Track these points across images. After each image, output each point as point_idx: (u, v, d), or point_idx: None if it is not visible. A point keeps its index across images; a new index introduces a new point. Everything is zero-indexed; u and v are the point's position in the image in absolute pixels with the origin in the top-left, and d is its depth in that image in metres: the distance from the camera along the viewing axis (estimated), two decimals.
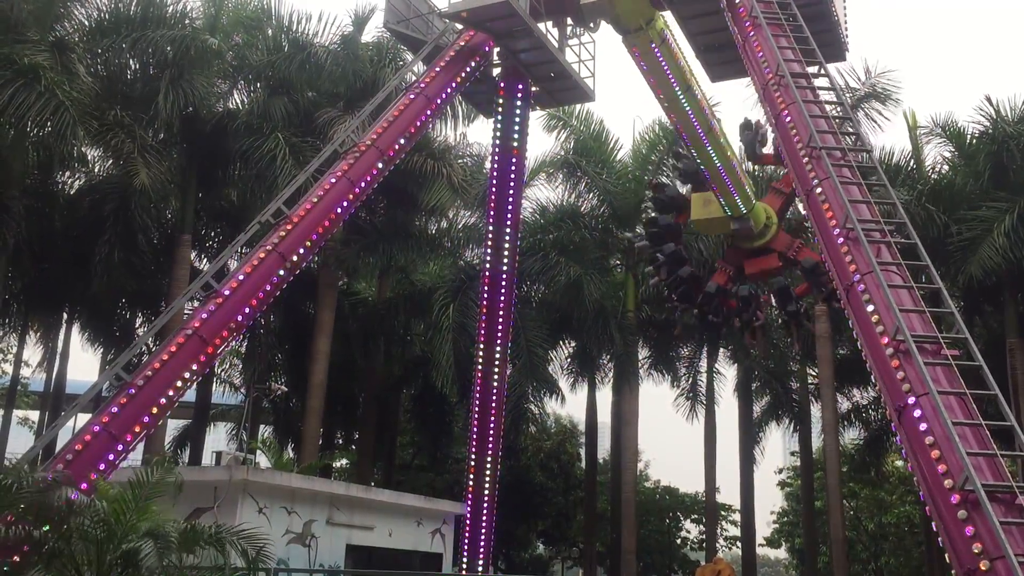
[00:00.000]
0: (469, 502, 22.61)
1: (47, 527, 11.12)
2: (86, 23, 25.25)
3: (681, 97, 17.69)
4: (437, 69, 20.56)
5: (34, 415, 39.07)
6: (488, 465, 22.72)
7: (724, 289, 21.75)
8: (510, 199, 23.34)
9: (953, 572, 9.58)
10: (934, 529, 10.16)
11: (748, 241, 21.15)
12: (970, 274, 26.11)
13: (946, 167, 29.88)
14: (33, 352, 34.81)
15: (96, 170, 29.07)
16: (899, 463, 41.45)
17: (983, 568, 9.01)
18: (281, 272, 16.80)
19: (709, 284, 21.66)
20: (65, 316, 32.44)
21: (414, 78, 21.63)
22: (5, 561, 10.79)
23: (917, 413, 10.38)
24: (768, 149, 21.51)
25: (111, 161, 26.72)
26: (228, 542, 11.41)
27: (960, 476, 9.52)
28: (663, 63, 16.90)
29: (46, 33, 22.97)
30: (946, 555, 9.78)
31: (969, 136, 28.50)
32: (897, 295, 11.50)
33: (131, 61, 26.29)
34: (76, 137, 22.13)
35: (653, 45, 16.34)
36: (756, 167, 27.33)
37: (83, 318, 32.26)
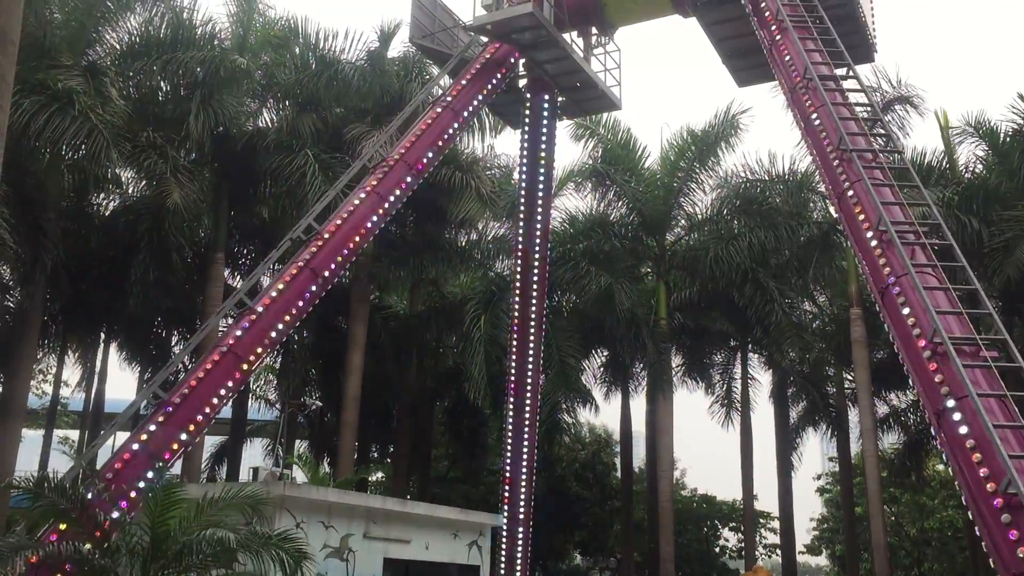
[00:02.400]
0: (505, 513, 22.58)
1: (90, 544, 11.25)
2: (117, 47, 25.63)
3: None
4: (463, 82, 20.64)
5: (74, 434, 39.55)
6: (523, 476, 22.70)
7: None
8: (539, 209, 23.36)
9: None
10: (977, 534, 10.01)
11: None
12: (1007, 275, 25.73)
13: (980, 166, 29.50)
14: (72, 372, 35.29)
15: (130, 191, 29.49)
16: (940, 467, 40.85)
17: None
18: (313, 288, 16.91)
19: None
20: (103, 336, 32.86)
21: (441, 91, 21.73)
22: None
23: (957, 416, 10.25)
24: None
25: (144, 182, 27.08)
26: (273, 547, 11.48)
27: (1003, 479, 9.38)
28: None
29: (79, 58, 23.34)
30: (991, 560, 9.63)
31: (1003, 135, 28.12)
32: (933, 297, 11.38)
33: (162, 83, 26.63)
34: (110, 159, 22.43)
35: None
36: None
37: (120, 337, 32.66)
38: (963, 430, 10.10)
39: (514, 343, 23.24)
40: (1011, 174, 27.04)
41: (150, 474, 14.05)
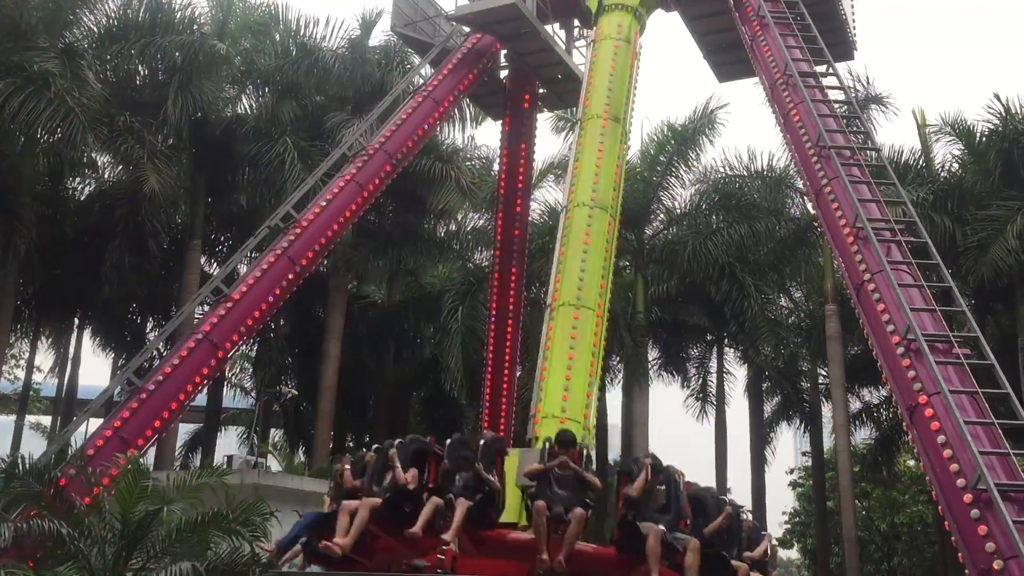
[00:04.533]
0: None
1: (64, 528, 11.16)
2: (95, 29, 25.38)
3: (603, 120, 14.32)
4: (444, 72, 20.57)
5: (46, 420, 39.20)
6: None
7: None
8: (518, 201, 23.33)
9: (967, 572, 9.55)
10: (947, 529, 10.14)
11: None
12: (981, 274, 26.01)
13: (955, 165, 29.78)
14: (45, 357, 34.99)
15: (106, 176, 29.22)
16: (911, 463, 41.24)
17: (996, 567, 8.98)
18: (291, 276, 16.82)
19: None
20: (76, 321, 32.57)
21: (422, 81, 21.67)
22: (23, 563, 10.83)
23: (929, 412, 10.36)
24: None
25: (121, 167, 26.85)
26: (239, 533, 11.40)
27: (973, 475, 9.50)
28: (612, 66, 12.87)
29: (55, 40, 23.08)
30: (959, 555, 9.75)
31: (979, 134, 28.37)
32: (908, 294, 11.48)
33: (140, 67, 26.42)
34: (86, 143, 22.22)
35: (617, 39, 12.53)
36: None
37: (94, 323, 32.38)
38: (935, 426, 10.20)
39: (491, 335, 23.24)
40: (986, 174, 27.30)
41: (122, 459, 13.97)
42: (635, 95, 16.92)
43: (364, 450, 13.62)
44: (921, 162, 30.12)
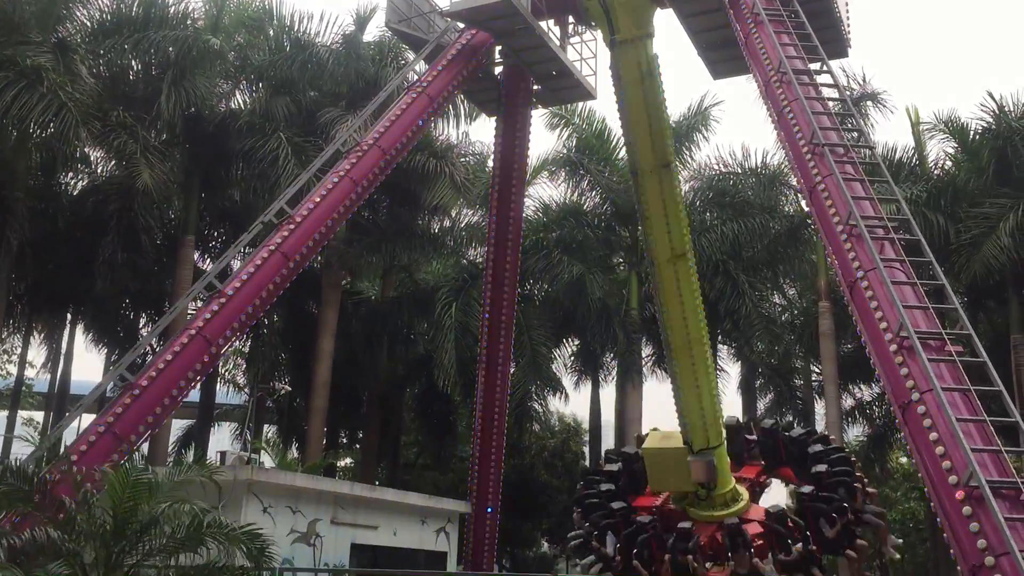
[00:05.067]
0: (473, 501, 22.63)
1: (53, 527, 11.14)
2: (88, 24, 25.29)
3: (659, 172, 11.21)
4: (439, 68, 20.55)
5: (39, 416, 39.12)
6: (492, 464, 22.73)
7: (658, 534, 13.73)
8: (512, 197, 23.34)
9: (959, 568, 9.58)
10: (939, 525, 10.16)
11: (698, 505, 13.87)
12: (974, 272, 26.08)
13: (949, 163, 29.84)
14: (37, 353, 34.91)
15: (99, 171, 29.12)
16: (903, 460, 41.38)
17: (988, 564, 9.01)
18: (284, 272, 16.81)
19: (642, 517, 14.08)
20: (69, 317, 32.48)
21: (416, 77, 21.63)
22: (13, 560, 10.81)
23: (921, 409, 10.39)
24: None
25: (114, 162, 26.77)
26: (233, 540, 11.41)
27: (964, 472, 9.52)
28: (646, 104, 10.76)
29: (48, 34, 22.99)
30: (951, 551, 9.78)
31: (972, 132, 28.44)
32: (900, 291, 11.50)
33: (133, 62, 26.33)
34: (79, 138, 22.17)
35: (641, 70, 10.53)
36: None
37: (87, 319, 32.29)
38: (927, 423, 10.23)
39: (485, 331, 23.25)
40: (979, 172, 27.36)
41: (115, 456, 13.94)
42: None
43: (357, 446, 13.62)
44: (915, 160, 30.19)
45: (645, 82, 10.88)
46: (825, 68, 15.44)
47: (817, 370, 35.75)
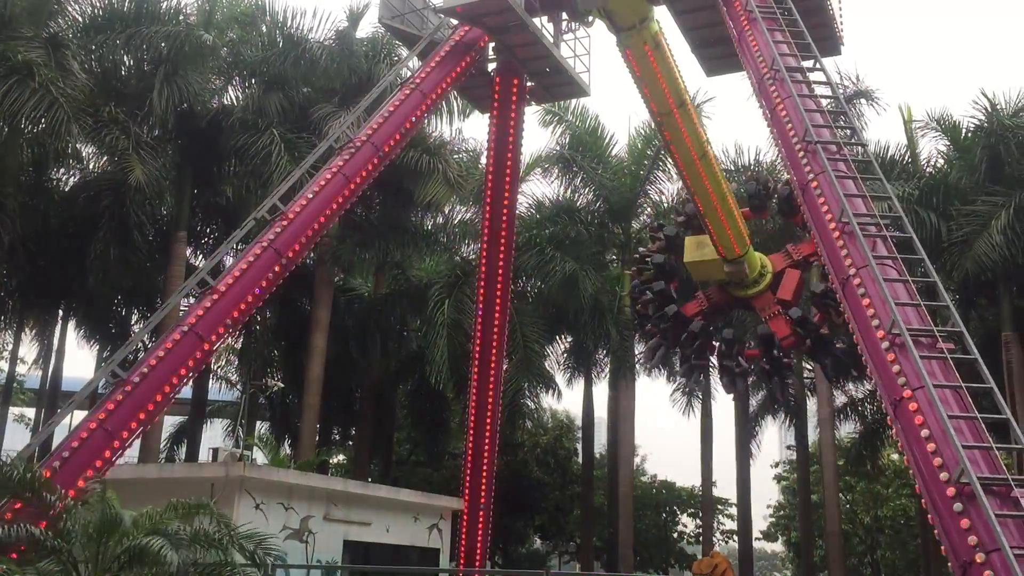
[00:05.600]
0: (466, 497, 22.63)
1: (45, 525, 11.12)
2: (80, 19, 25.20)
3: (675, 111, 15.49)
4: (432, 64, 20.54)
5: (30, 412, 39.03)
6: (485, 460, 22.74)
7: (708, 330, 20.22)
8: (506, 194, 23.33)
9: (949, 565, 9.62)
10: (930, 522, 10.20)
11: (740, 289, 19.63)
12: (965, 269, 26.16)
13: (941, 161, 29.92)
14: (29, 349, 34.79)
15: (91, 167, 29.04)
16: (895, 456, 41.53)
17: (979, 560, 9.04)
18: (277, 268, 16.78)
19: (694, 323, 19.92)
20: (61, 313, 32.38)
21: (409, 73, 21.60)
22: (3, 558, 10.79)
23: (913, 406, 10.41)
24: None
25: (106, 158, 26.69)
26: (231, 543, 11.40)
27: (956, 469, 9.55)
28: (657, 69, 14.44)
29: (40, 29, 22.89)
30: (942, 548, 9.81)
31: (964, 130, 28.51)
32: (893, 289, 11.53)
33: (125, 57, 26.22)
34: (70, 134, 22.06)
35: (647, 47, 13.95)
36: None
37: (79, 315, 32.20)
38: (918, 420, 10.26)
39: (478, 328, 23.25)
40: (972, 169, 27.43)
41: (107, 453, 13.90)
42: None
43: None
44: (907, 157, 30.26)
45: (654, 53, 14.08)
46: (818, 66, 15.45)
47: (809, 367, 35.84)
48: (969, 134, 28.33)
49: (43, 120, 21.45)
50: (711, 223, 17.82)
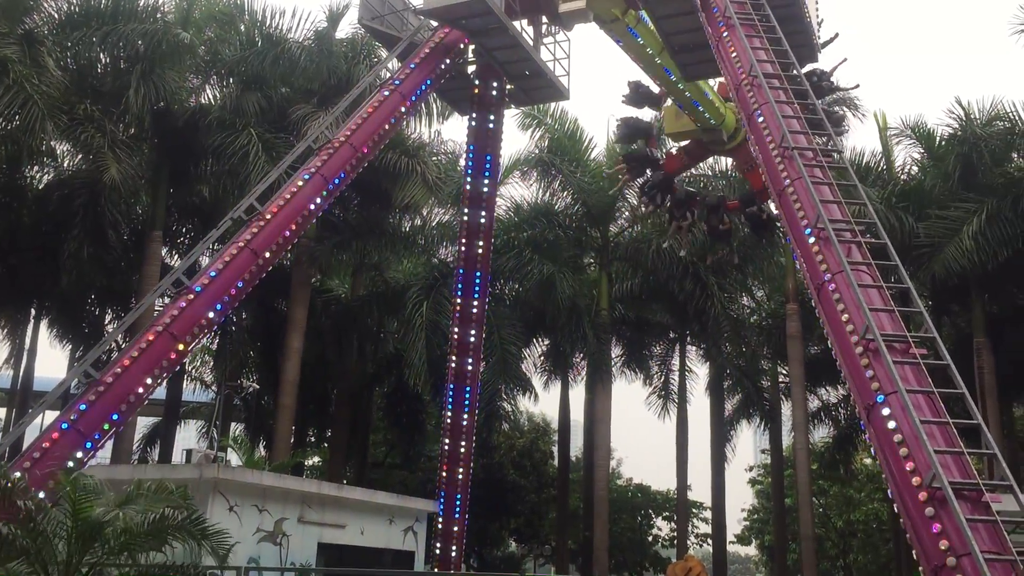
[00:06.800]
0: (442, 500, 22.59)
1: (12, 526, 10.99)
2: (56, 16, 24.94)
3: (657, 59, 20.36)
4: (412, 66, 20.51)
5: (1, 412, 38.57)
6: (461, 463, 22.71)
7: (693, 195, 25.49)
8: (484, 197, 23.34)
9: (920, 569, 9.69)
10: (902, 526, 10.27)
11: (719, 146, 23.86)
12: (934, 272, 26.44)
13: (915, 168, 30.20)
14: (0, 348, 34.43)
15: (65, 165, 28.70)
16: (868, 461, 41.88)
17: (950, 565, 9.11)
18: (253, 269, 16.69)
19: (679, 190, 24.99)
20: (33, 312, 32.04)
21: (388, 75, 21.57)
22: None
23: (886, 411, 10.48)
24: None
25: (81, 156, 26.43)
26: (195, 536, 11.31)
27: (927, 474, 9.62)
28: (639, 40, 19.59)
29: (15, 25, 22.64)
30: (914, 552, 9.88)
31: (939, 138, 28.81)
32: (867, 294, 11.61)
33: (101, 55, 25.98)
34: (45, 131, 21.84)
35: (629, 28, 18.95)
36: None
37: (51, 314, 31.88)
38: (891, 425, 10.33)
39: (455, 330, 23.23)
40: (945, 176, 27.71)
41: (79, 454, 13.77)
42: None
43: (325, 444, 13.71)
44: (882, 164, 30.53)
45: (637, 27, 18.96)
46: (795, 72, 15.55)
47: (784, 372, 36.08)
48: (943, 142, 28.62)
49: (17, 117, 21.25)
50: (692, 115, 22.64)
